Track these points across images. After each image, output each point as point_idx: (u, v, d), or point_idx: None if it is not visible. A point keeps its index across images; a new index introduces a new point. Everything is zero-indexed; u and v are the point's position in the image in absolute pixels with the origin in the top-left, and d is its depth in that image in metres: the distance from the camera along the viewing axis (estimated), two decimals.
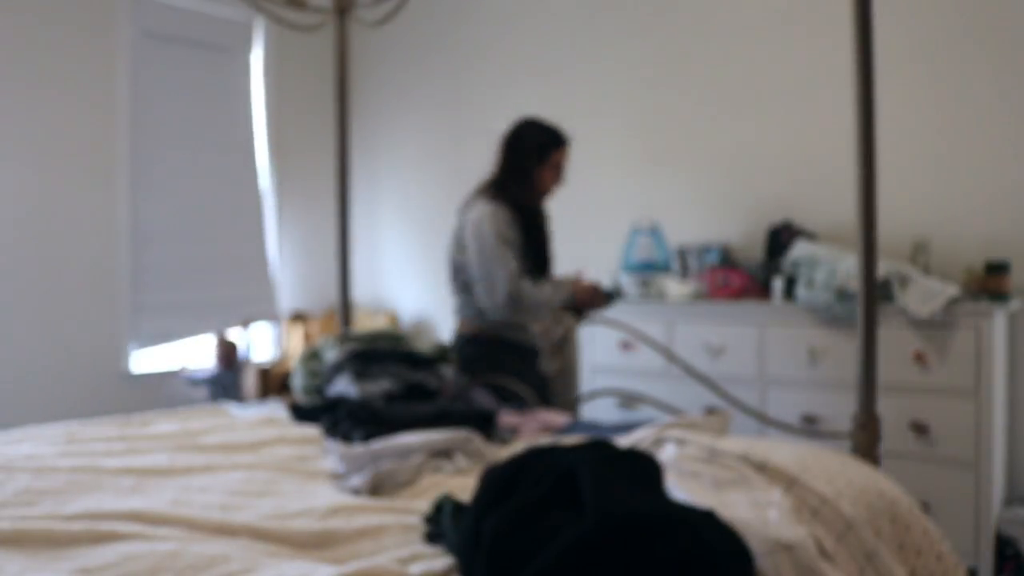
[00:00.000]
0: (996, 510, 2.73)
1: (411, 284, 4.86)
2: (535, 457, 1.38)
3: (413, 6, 3.41)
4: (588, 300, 2.69)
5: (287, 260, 4.86)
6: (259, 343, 4.78)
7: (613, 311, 3.45)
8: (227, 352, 4.41)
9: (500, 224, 2.56)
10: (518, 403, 2.49)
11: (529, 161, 2.69)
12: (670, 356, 2.69)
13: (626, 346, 3.35)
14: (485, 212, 2.59)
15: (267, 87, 4.78)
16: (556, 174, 2.75)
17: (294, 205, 4.88)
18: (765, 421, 2.32)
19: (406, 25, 4.12)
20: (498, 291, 2.53)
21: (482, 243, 2.56)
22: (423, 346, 2.66)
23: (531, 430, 2.23)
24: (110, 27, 4.09)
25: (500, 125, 4.44)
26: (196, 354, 4.48)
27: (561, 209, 4.25)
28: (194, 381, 4.29)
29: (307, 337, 4.63)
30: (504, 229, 2.56)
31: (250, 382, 4.41)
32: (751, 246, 3.51)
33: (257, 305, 4.72)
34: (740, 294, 3.29)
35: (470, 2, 4.56)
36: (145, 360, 4.30)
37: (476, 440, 1.89)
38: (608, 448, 1.40)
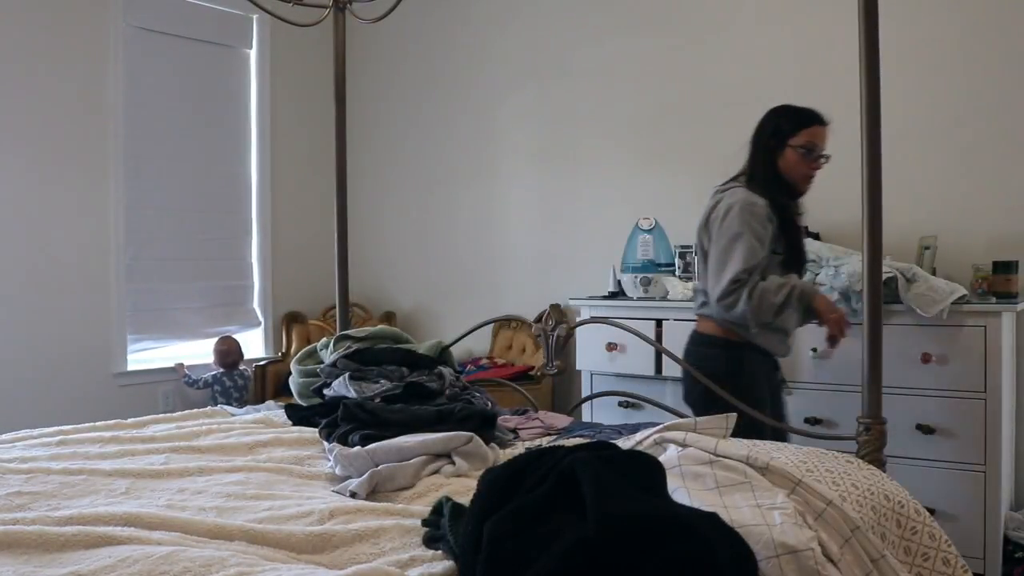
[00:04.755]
0: (1004, 514, 2.70)
1: (410, 283, 4.84)
2: (536, 459, 1.36)
3: (411, 2, 3.39)
4: (830, 311, 2.41)
5: (285, 259, 4.84)
6: (257, 344, 4.76)
7: (613, 311, 3.43)
8: (229, 352, 4.38)
9: (752, 213, 2.36)
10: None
11: (768, 147, 2.47)
12: (672, 357, 2.66)
13: (621, 347, 3.32)
14: (739, 198, 2.40)
15: (264, 83, 4.76)
16: (803, 158, 2.45)
17: (291, 202, 4.86)
18: (768, 423, 2.29)
19: (404, 21, 4.10)
20: (722, 281, 2.35)
21: (726, 229, 2.38)
22: (423, 346, 2.63)
23: (531, 432, 2.21)
24: (105, 21, 4.07)
25: (499, 122, 4.47)
26: (197, 354, 4.45)
27: (562, 208, 4.25)
28: (194, 382, 4.26)
29: (305, 337, 4.61)
30: (753, 219, 2.36)
31: (250, 383, 4.39)
32: None
33: (243, 307, 4.72)
34: None
35: None
36: (143, 360, 4.28)
37: (476, 442, 1.87)
38: (610, 449, 1.39)
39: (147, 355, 4.30)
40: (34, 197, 3.86)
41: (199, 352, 4.43)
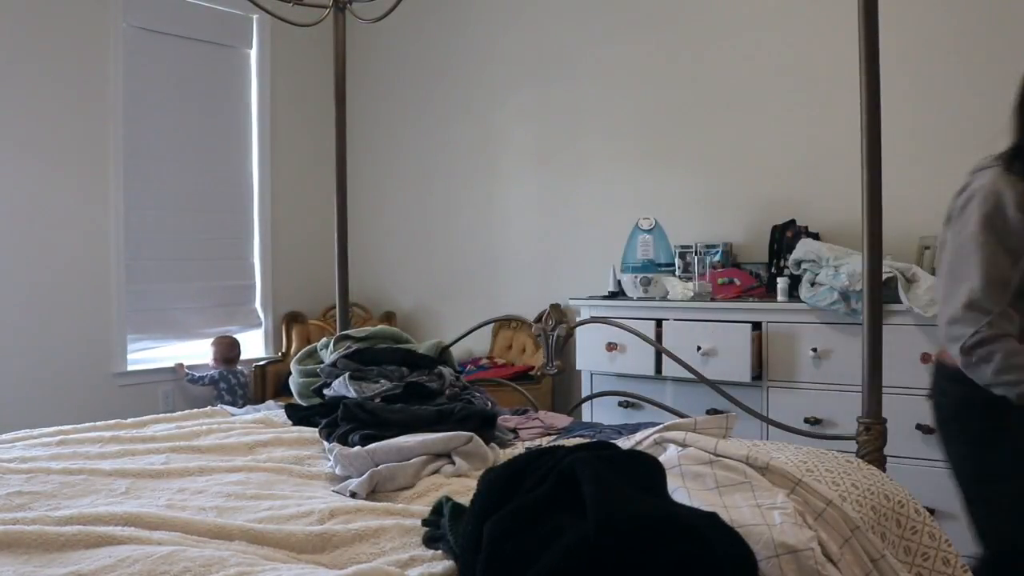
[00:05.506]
0: None
1: (410, 283, 4.83)
2: (536, 459, 1.36)
3: (411, 2, 3.39)
4: None
5: (285, 259, 4.84)
6: (257, 344, 4.76)
7: (613, 311, 3.42)
8: (228, 351, 4.38)
9: (996, 207, 1.65)
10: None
11: None
12: (672, 357, 2.66)
13: (621, 347, 3.32)
14: (982, 185, 1.72)
15: (264, 83, 4.76)
16: None
17: (291, 202, 4.86)
18: (768, 423, 2.29)
19: (404, 21, 4.10)
20: (950, 304, 1.65)
21: (959, 230, 1.72)
22: (423, 346, 2.63)
23: (531, 432, 2.21)
24: (105, 21, 4.06)
25: (499, 122, 4.47)
26: (197, 354, 4.44)
27: (562, 208, 4.25)
28: (198, 378, 4.26)
29: (305, 337, 4.60)
30: (996, 217, 1.65)
31: (251, 382, 4.39)
32: (755, 245, 3.49)
33: (245, 307, 4.72)
34: (743, 294, 3.27)
35: None
36: (143, 360, 4.27)
37: (476, 442, 1.87)
38: (610, 449, 1.38)
39: (147, 355, 4.30)
40: (34, 197, 3.86)
41: (199, 352, 4.43)
